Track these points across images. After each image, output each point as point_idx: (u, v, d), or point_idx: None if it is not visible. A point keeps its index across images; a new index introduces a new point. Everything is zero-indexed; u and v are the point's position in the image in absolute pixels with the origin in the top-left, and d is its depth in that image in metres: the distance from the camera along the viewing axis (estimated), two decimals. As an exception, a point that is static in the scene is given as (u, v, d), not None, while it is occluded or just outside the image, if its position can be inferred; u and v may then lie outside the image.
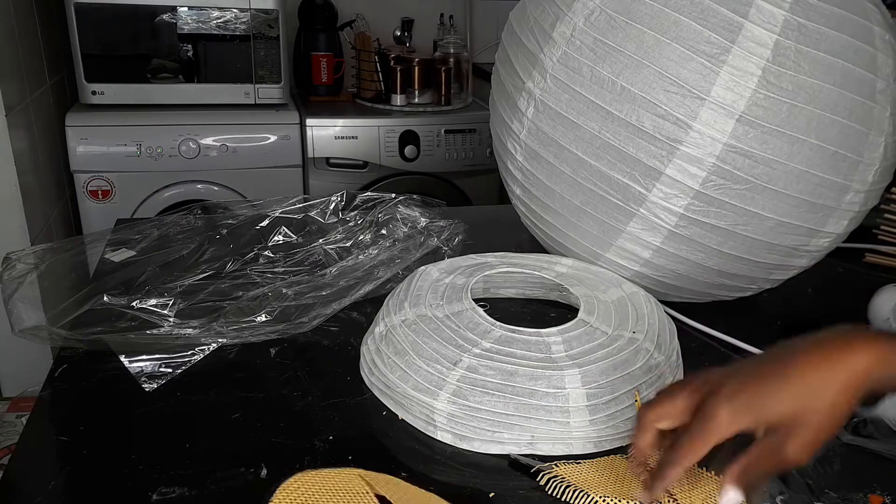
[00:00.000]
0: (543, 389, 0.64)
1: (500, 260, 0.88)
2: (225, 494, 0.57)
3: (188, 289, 0.85)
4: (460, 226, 1.01)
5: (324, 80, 2.23)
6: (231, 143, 1.93)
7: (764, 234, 0.77)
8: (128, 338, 0.74)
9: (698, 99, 0.71)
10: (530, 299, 0.91)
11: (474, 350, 0.68)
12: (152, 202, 1.92)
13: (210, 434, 0.64)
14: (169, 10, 1.89)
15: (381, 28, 2.35)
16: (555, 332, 0.71)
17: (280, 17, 1.96)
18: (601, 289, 0.81)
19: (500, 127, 0.90)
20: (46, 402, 0.68)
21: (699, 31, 0.71)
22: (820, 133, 0.72)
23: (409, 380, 0.67)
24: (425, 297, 0.76)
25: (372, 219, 1.02)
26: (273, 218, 1.04)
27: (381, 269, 0.89)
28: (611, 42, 0.75)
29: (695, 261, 0.80)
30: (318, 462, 0.61)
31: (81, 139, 1.83)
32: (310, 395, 0.70)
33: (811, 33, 0.71)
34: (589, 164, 0.78)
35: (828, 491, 0.59)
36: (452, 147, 2.13)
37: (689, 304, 0.90)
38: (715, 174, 0.73)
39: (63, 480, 0.58)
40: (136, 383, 0.70)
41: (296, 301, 0.82)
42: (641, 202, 0.77)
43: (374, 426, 0.67)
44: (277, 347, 0.78)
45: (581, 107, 0.77)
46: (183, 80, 1.96)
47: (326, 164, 2.05)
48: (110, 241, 0.98)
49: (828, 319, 0.89)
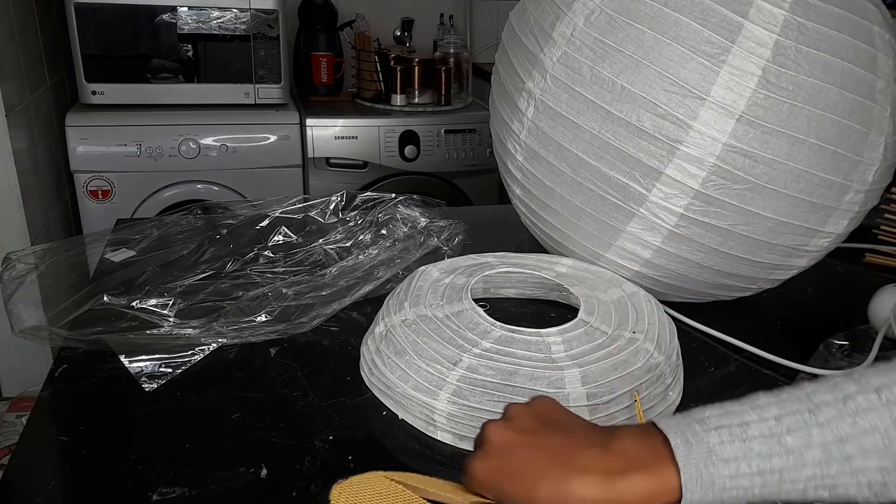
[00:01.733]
0: (543, 389, 0.64)
1: (500, 260, 0.88)
2: (225, 494, 0.57)
3: (188, 289, 0.85)
4: (460, 226, 1.01)
5: (324, 80, 2.23)
6: (231, 143, 1.93)
7: (764, 234, 0.77)
8: (128, 338, 0.74)
9: (698, 99, 0.71)
10: (530, 299, 0.91)
11: (474, 350, 0.68)
12: (152, 202, 1.92)
13: (210, 434, 0.64)
14: (169, 10, 1.89)
15: (381, 28, 2.35)
16: (555, 332, 0.71)
17: (280, 17, 1.96)
18: (601, 289, 0.81)
19: (500, 127, 0.90)
20: (46, 402, 0.68)
21: (699, 31, 0.71)
22: (820, 133, 0.72)
23: (409, 380, 0.67)
24: (425, 297, 0.76)
25: (372, 219, 1.02)
26: (273, 218, 1.04)
27: (381, 269, 0.89)
28: (611, 42, 0.75)
29: (695, 261, 0.80)
30: (318, 462, 0.61)
31: (81, 139, 1.83)
32: (310, 395, 0.70)
33: (811, 33, 0.71)
34: (589, 164, 0.78)
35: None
36: (452, 147, 2.13)
37: (689, 304, 0.90)
38: (715, 174, 0.73)
39: (63, 480, 0.58)
40: (136, 383, 0.70)
41: (296, 301, 0.82)
42: (641, 202, 0.77)
43: (374, 426, 0.67)
44: (277, 347, 0.78)
45: (581, 107, 0.77)
46: (183, 80, 1.96)
47: (326, 164, 2.05)
48: (110, 241, 0.98)
49: (828, 319, 0.89)
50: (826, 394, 0.47)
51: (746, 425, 0.47)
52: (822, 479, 0.46)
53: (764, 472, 0.46)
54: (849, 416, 0.46)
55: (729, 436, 0.47)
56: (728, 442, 0.47)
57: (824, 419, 0.46)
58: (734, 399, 0.49)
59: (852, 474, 0.45)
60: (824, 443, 0.46)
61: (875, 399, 0.45)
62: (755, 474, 0.46)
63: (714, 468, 0.47)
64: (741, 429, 0.47)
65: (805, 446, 0.46)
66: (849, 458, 0.45)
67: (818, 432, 0.46)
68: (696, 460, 0.47)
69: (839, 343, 0.81)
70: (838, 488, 0.46)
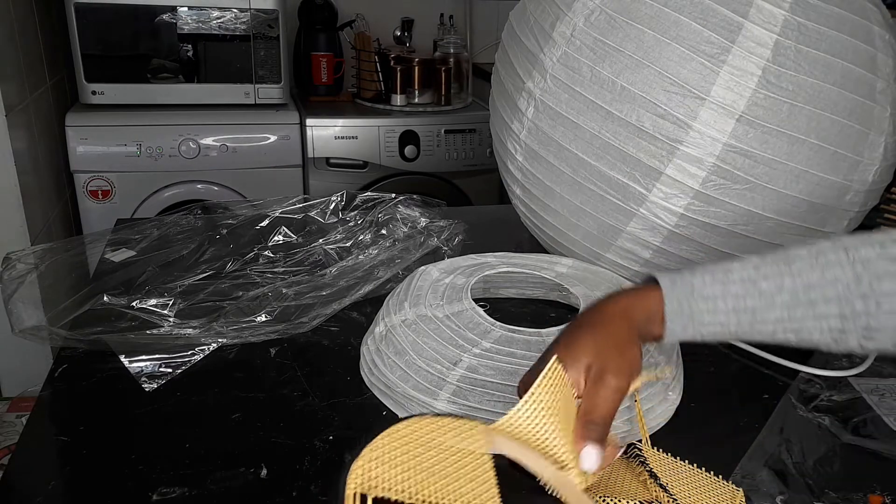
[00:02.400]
0: (543, 389, 0.64)
1: (500, 260, 0.88)
2: (225, 494, 0.57)
3: (188, 289, 0.85)
4: (460, 226, 1.01)
5: (324, 80, 2.23)
6: (231, 143, 1.93)
7: (764, 234, 0.77)
8: (128, 338, 0.74)
9: (698, 99, 0.71)
10: (530, 299, 0.91)
11: (474, 350, 0.68)
12: (152, 202, 1.92)
13: (210, 434, 0.64)
14: (169, 10, 1.89)
15: (381, 28, 2.35)
16: (554, 332, 0.71)
17: (280, 17, 1.96)
18: (601, 289, 0.81)
19: (500, 127, 0.90)
20: (46, 402, 0.68)
21: (699, 31, 0.71)
22: (820, 133, 0.72)
23: (409, 380, 0.67)
24: (425, 297, 0.76)
25: (372, 219, 1.02)
26: (273, 218, 1.04)
27: (381, 269, 0.89)
28: (611, 42, 0.75)
29: (695, 261, 0.80)
30: (318, 462, 0.61)
31: (81, 139, 1.83)
32: (310, 395, 0.70)
33: (811, 33, 0.71)
34: (589, 164, 0.78)
35: (828, 491, 0.59)
36: (452, 147, 2.13)
37: (689, 304, 0.90)
38: (715, 174, 0.73)
39: (63, 480, 0.58)
40: (136, 383, 0.70)
41: (296, 301, 0.82)
42: (641, 202, 0.77)
43: (374, 426, 0.67)
44: (277, 347, 0.78)
45: (581, 107, 0.77)
46: (183, 80, 1.96)
47: (326, 164, 2.05)
48: (110, 241, 0.98)
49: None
50: (802, 249, 0.53)
51: (729, 271, 0.54)
52: (789, 321, 0.52)
53: (739, 311, 0.53)
54: (818, 268, 0.52)
55: (712, 279, 0.54)
56: (710, 284, 0.53)
57: (796, 270, 0.52)
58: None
59: (815, 319, 0.51)
60: (793, 289, 0.51)
61: (843, 256, 0.51)
62: (731, 311, 0.53)
63: (694, 302, 0.53)
64: (724, 274, 0.54)
65: (776, 290, 0.52)
66: (813, 303, 0.51)
67: (790, 280, 0.52)
68: (679, 295, 0.54)
69: (839, 343, 0.81)
70: (803, 332, 0.52)
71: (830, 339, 0.51)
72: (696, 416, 0.70)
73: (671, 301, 0.54)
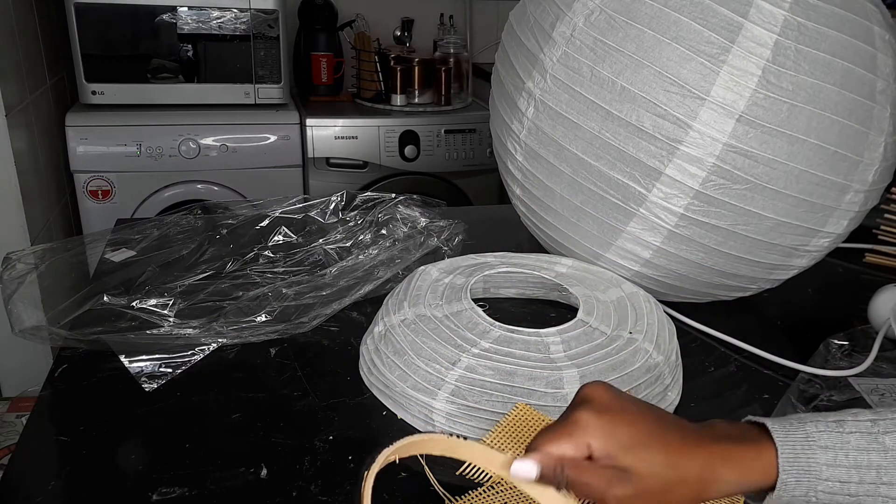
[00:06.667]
0: (542, 389, 0.64)
1: (500, 260, 0.88)
2: (225, 494, 0.57)
3: (188, 289, 0.85)
4: (460, 226, 1.01)
5: (324, 80, 2.23)
6: (231, 143, 1.93)
7: (764, 234, 0.77)
8: (128, 338, 0.74)
9: (698, 99, 0.71)
10: (530, 299, 0.91)
11: (473, 350, 0.68)
12: (152, 202, 1.92)
13: (210, 434, 0.64)
14: (169, 10, 1.89)
15: (381, 28, 2.35)
16: (554, 332, 0.71)
17: (280, 17, 1.96)
18: (601, 289, 0.81)
19: (500, 127, 0.90)
20: (46, 402, 0.68)
21: (699, 31, 0.71)
22: (820, 133, 0.72)
23: (407, 379, 0.67)
24: (425, 297, 0.76)
25: (372, 219, 1.02)
26: (273, 218, 1.04)
27: (381, 269, 0.89)
28: (611, 42, 0.75)
29: (695, 261, 0.80)
30: (318, 462, 0.61)
31: (81, 139, 1.83)
32: (310, 395, 0.70)
33: (811, 33, 0.71)
34: (589, 164, 0.78)
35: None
36: (452, 147, 2.13)
37: (689, 304, 0.90)
38: (715, 174, 0.73)
39: (63, 480, 0.58)
40: (136, 383, 0.70)
41: (296, 301, 0.82)
42: (641, 202, 0.77)
43: (374, 426, 0.67)
44: (277, 347, 0.78)
45: (581, 107, 0.77)
46: (183, 80, 1.96)
47: (326, 164, 2.05)
48: (110, 241, 0.98)
49: (828, 319, 0.89)
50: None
51: (842, 422, 0.45)
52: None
53: (861, 467, 0.44)
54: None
55: (826, 427, 0.45)
56: (825, 432, 0.44)
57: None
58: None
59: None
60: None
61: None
62: (852, 467, 0.44)
63: (812, 453, 0.44)
64: (837, 423, 0.45)
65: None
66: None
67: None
68: (794, 443, 0.44)
69: (839, 343, 0.81)
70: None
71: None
72: (696, 416, 0.70)
73: (785, 449, 0.44)
